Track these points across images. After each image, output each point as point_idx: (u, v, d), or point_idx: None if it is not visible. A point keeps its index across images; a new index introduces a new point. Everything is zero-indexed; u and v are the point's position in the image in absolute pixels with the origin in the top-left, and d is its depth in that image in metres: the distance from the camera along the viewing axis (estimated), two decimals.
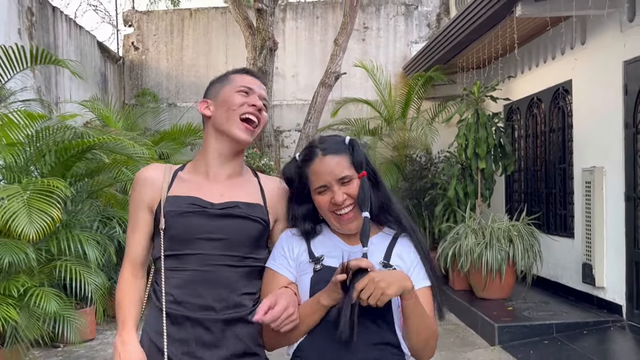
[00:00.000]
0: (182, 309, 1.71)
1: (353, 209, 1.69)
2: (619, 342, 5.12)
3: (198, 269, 1.72)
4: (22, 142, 4.07)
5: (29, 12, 6.62)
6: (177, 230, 1.73)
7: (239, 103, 1.80)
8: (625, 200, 5.44)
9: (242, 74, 1.88)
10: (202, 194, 1.77)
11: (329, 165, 1.69)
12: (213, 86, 1.88)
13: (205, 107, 1.86)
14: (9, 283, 3.84)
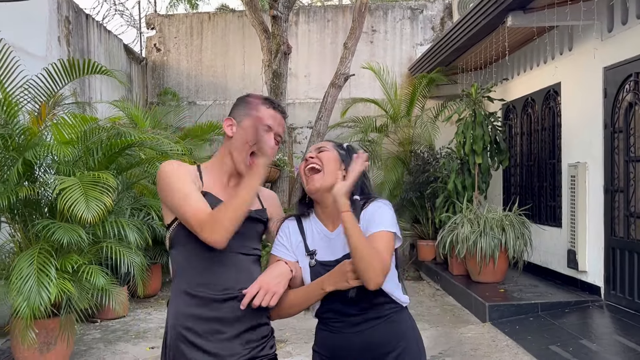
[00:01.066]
0: (206, 291, 1.95)
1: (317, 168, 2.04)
2: (595, 319, 5.74)
3: (219, 255, 1.95)
4: (74, 141, 4.74)
5: (66, 20, 7.30)
6: None
7: (263, 135, 1.94)
8: (604, 193, 6.04)
9: (267, 107, 2.04)
10: (225, 197, 2.00)
11: (315, 146, 2.14)
12: (240, 107, 2.06)
13: (229, 126, 2.05)
14: (64, 260, 4.51)
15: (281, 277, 1.97)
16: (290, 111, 9.85)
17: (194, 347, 1.93)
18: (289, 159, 8.90)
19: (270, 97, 2.26)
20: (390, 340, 1.98)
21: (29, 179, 4.73)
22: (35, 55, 6.32)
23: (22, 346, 4.55)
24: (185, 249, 1.98)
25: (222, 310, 1.94)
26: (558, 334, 5.27)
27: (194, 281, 1.96)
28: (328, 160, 2.05)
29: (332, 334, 2.04)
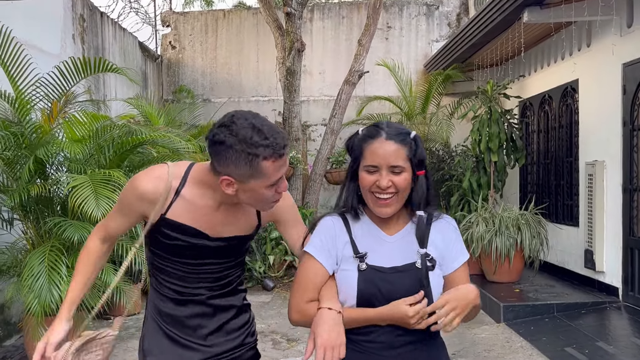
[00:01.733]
0: (186, 295, 1.94)
1: (392, 197, 1.73)
2: (612, 320, 5.63)
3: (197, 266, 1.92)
4: (85, 139, 4.75)
5: (81, 18, 7.32)
6: (176, 250, 1.88)
7: (269, 197, 1.78)
8: (622, 192, 5.92)
9: (273, 159, 1.69)
10: (202, 224, 1.84)
11: (387, 149, 1.71)
12: (238, 163, 1.67)
13: (229, 186, 1.74)
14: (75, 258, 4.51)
15: (337, 325, 1.71)
16: (304, 108, 9.81)
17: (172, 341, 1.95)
18: (303, 157, 8.87)
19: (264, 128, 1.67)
20: None
21: (41, 177, 4.75)
22: (50, 53, 6.34)
23: (34, 343, 4.57)
24: (157, 257, 1.94)
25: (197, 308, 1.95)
26: (574, 335, 5.18)
27: (166, 285, 1.94)
28: (405, 188, 1.77)
29: (358, 355, 1.77)
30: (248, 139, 1.64)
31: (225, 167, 1.69)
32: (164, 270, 1.92)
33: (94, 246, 1.97)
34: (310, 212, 8.34)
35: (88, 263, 1.96)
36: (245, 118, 1.68)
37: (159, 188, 1.79)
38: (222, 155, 1.67)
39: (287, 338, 5.63)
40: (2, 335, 5.46)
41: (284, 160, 1.71)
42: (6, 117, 4.69)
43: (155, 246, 1.91)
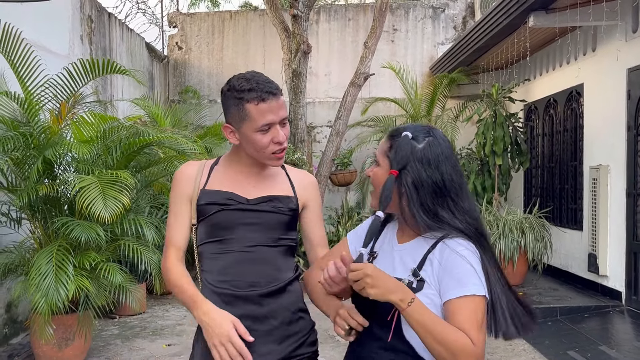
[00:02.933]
0: (232, 288, 1.87)
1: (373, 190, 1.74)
2: (615, 324, 5.65)
3: (242, 250, 1.89)
4: (93, 139, 4.80)
5: (89, 19, 7.38)
6: (219, 219, 1.90)
7: (265, 145, 1.86)
8: (626, 196, 5.94)
9: (256, 102, 1.81)
10: (237, 189, 1.93)
11: (380, 144, 1.74)
12: (232, 110, 1.85)
13: (231, 134, 1.91)
14: (82, 258, 4.56)
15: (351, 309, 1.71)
16: (309, 110, 9.84)
17: None
18: (308, 158, 8.90)
19: (253, 78, 1.83)
20: None
21: (49, 177, 4.79)
22: (58, 53, 6.40)
23: (40, 341, 4.63)
24: (206, 247, 1.95)
25: (248, 307, 1.86)
26: (577, 339, 5.20)
27: (216, 278, 1.90)
28: (375, 182, 1.72)
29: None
30: (237, 85, 1.83)
31: (226, 116, 1.91)
32: (212, 260, 1.92)
33: (177, 268, 1.93)
34: None
35: (188, 279, 1.92)
36: (245, 73, 1.90)
37: (195, 167, 2.00)
38: (223, 104, 1.91)
39: None
40: (8, 333, 5.51)
41: (268, 105, 1.81)
42: (15, 117, 4.75)
43: (201, 231, 1.96)
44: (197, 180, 1.95)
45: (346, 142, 9.47)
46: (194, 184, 1.94)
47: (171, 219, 1.97)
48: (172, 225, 1.96)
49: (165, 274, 1.93)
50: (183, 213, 1.95)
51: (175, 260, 1.92)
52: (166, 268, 1.93)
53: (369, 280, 1.47)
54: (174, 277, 1.89)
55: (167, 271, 1.92)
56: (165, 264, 1.93)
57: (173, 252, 1.93)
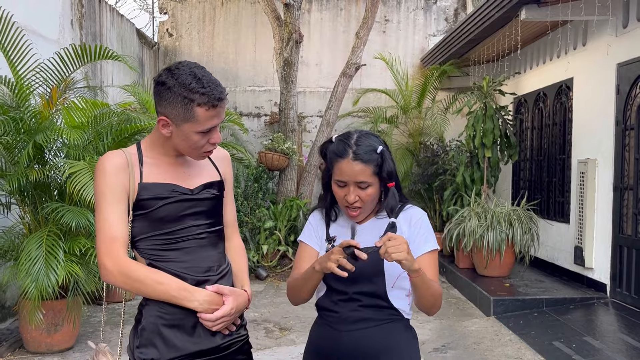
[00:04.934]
0: (193, 274, 1.89)
1: (359, 209, 1.92)
2: (600, 316, 5.73)
3: (193, 238, 1.92)
4: (84, 125, 4.77)
5: (79, 4, 7.31)
6: (165, 212, 1.87)
7: (201, 145, 1.88)
8: (613, 190, 6.01)
9: (207, 108, 1.81)
10: (177, 180, 1.92)
11: (353, 169, 1.86)
12: (174, 105, 1.80)
13: (165, 127, 1.86)
14: (72, 243, 4.56)
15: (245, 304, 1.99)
16: (300, 99, 9.84)
17: (175, 328, 1.87)
18: (298, 148, 8.91)
19: (204, 78, 1.81)
20: (380, 347, 1.89)
21: (39, 162, 4.77)
22: (48, 38, 6.34)
23: (29, 326, 4.62)
24: (149, 241, 1.90)
25: None
26: (562, 330, 5.28)
27: (178, 267, 1.89)
28: (372, 200, 1.94)
29: (323, 327, 1.99)
30: (187, 84, 1.78)
31: (163, 108, 1.82)
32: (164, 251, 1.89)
33: (138, 265, 1.84)
34: (304, 203, 8.40)
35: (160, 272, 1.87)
36: (189, 67, 1.83)
37: (123, 157, 1.88)
38: (163, 95, 1.82)
39: (280, 327, 5.70)
40: None
41: (217, 111, 1.82)
42: (4, 101, 4.71)
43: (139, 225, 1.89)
44: (130, 172, 1.86)
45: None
46: (128, 177, 1.85)
47: (108, 214, 1.82)
48: (111, 220, 1.82)
49: (128, 273, 1.79)
50: (121, 207, 1.84)
51: (126, 256, 1.83)
52: (126, 266, 1.79)
53: (406, 247, 1.73)
54: (147, 273, 1.82)
55: (131, 269, 1.80)
56: (122, 263, 1.79)
57: (122, 248, 1.82)
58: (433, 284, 1.86)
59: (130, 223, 1.88)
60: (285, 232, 8.26)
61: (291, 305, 6.76)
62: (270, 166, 8.48)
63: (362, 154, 1.86)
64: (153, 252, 1.89)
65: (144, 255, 1.90)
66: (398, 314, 1.93)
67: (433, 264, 1.93)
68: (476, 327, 5.67)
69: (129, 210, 1.87)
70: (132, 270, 1.80)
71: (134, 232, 1.89)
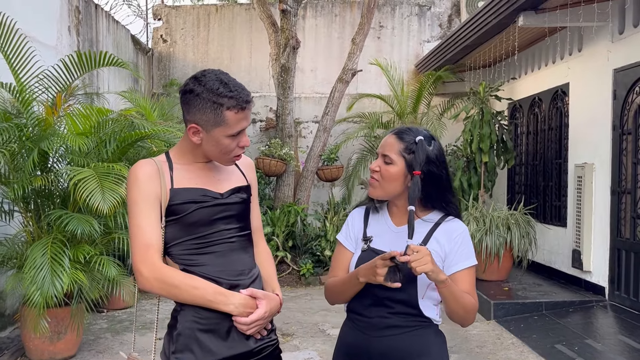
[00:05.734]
0: (225, 277, 1.91)
1: (377, 181, 1.96)
2: (599, 319, 5.79)
3: (224, 242, 1.94)
4: (88, 132, 4.76)
5: (76, 10, 7.29)
6: (198, 217, 1.89)
7: (232, 149, 1.91)
8: (611, 194, 6.08)
9: (236, 111, 1.85)
10: (207, 185, 1.95)
11: (386, 141, 1.97)
12: (204, 111, 1.84)
13: (195, 134, 1.89)
14: (76, 251, 4.53)
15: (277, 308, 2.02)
16: (296, 105, 9.85)
17: (210, 333, 1.88)
18: (295, 153, 8.92)
19: (230, 83, 1.86)
20: (411, 352, 1.91)
21: (43, 169, 4.75)
22: (46, 44, 6.32)
23: (33, 335, 4.59)
24: (182, 245, 1.92)
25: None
26: (563, 333, 5.32)
27: (212, 270, 1.91)
28: (388, 178, 1.96)
29: (353, 331, 2.01)
30: (215, 89, 1.82)
31: (193, 115, 1.86)
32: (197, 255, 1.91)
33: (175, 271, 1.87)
34: (301, 209, 8.41)
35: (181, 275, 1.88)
36: (214, 73, 1.87)
37: (153, 165, 1.91)
38: (191, 103, 1.85)
39: (282, 333, 5.70)
40: None
41: (245, 113, 1.87)
42: (5, 109, 4.69)
43: (173, 230, 1.90)
44: (162, 179, 1.89)
45: (332, 137, 9.50)
46: (160, 184, 1.88)
47: (142, 221, 1.84)
48: (145, 226, 1.84)
49: (164, 279, 1.82)
50: (154, 214, 1.87)
51: (163, 263, 1.86)
52: (162, 273, 1.82)
53: (430, 258, 1.76)
54: (182, 278, 1.84)
55: (167, 275, 1.83)
56: (158, 269, 1.82)
57: (157, 254, 1.84)
58: (464, 297, 1.88)
59: (163, 229, 1.89)
60: (283, 238, 8.26)
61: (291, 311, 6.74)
62: (267, 172, 8.49)
63: (401, 133, 1.97)
64: (186, 257, 1.91)
65: (177, 261, 1.91)
66: (428, 320, 1.95)
67: (470, 279, 1.94)
68: (477, 331, 5.70)
69: (162, 217, 1.89)
70: (168, 276, 1.83)
71: (166, 238, 1.91)
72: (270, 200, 8.90)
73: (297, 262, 8.18)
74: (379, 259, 1.80)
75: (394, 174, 1.93)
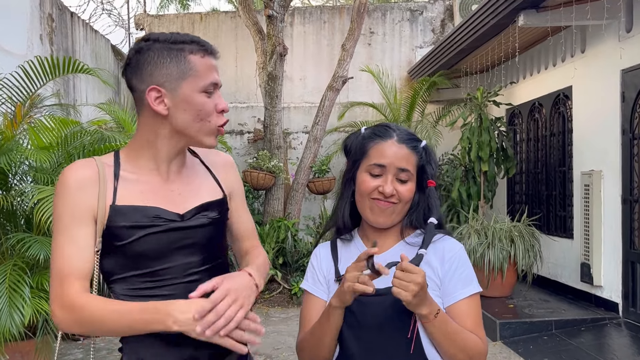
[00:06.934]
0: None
1: (391, 207, 1.56)
2: (614, 338, 5.37)
3: (180, 282, 1.48)
4: (53, 146, 4.33)
5: (49, 18, 6.87)
6: (146, 246, 1.44)
7: (210, 111, 1.48)
8: (622, 203, 5.68)
9: (202, 54, 1.47)
10: (162, 201, 1.49)
11: (398, 152, 1.55)
12: (166, 64, 1.44)
13: (159, 101, 1.45)
14: (40, 277, 4.09)
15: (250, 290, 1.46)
16: (285, 115, 9.44)
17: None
18: (284, 165, 8.50)
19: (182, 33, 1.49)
20: None
21: (3, 188, 4.31)
22: (14, 53, 5.89)
23: None
24: (127, 282, 1.46)
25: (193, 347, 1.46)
26: (576, 355, 4.90)
27: None
28: (409, 200, 1.59)
29: None
30: (168, 38, 1.45)
31: (148, 76, 1.44)
32: (141, 298, 1.44)
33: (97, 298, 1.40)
34: (292, 224, 7.97)
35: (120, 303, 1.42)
36: (161, 32, 1.51)
37: (92, 168, 1.46)
38: (141, 63, 1.45)
39: (271, 359, 5.25)
40: None
41: (213, 62, 1.49)
42: None
43: (115, 261, 1.45)
44: (100, 189, 1.43)
45: (323, 148, 9.09)
46: (97, 195, 1.42)
47: (63, 244, 1.40)
48: (65, 250, 1.40)
49: (77, 311, 1.35)
50: (82, 234, 1.41)
51: (86, 291, 1.40)
52: (74, 302, 1.36)
53: (416, 288, 1.36)
54: (101, 305, 1.36)
55: (81, 305, 1.35)
56: (73, 299, 1.36)
57: (75, 284, 1.38)
58: (466, 337, 1.47)
59: (98, 256, 1.44)
60: (273, 255, 7.82)
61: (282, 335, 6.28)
62: (255, 185, 8.06)
63: (407, 140, 1.58)
64: (132, 298, 1.44)
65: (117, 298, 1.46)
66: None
67: (474, 312, 1.53)
68: None
69: (96, 239, 1.44)
70: (82, 304, 1.36)
71: (105, 270, 1.46)
72: (260, 215, 8.45)
73: (288, 281, 7.73)
74: (354, 262, 1.44)
75: (413, 192, 1.58)
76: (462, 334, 1.46)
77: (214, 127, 1.49)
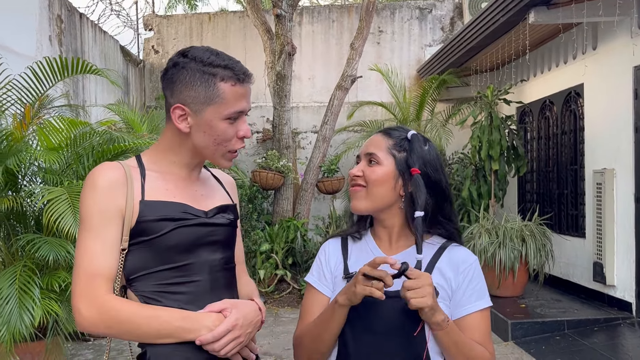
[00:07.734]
0: None
1: (361, 190, 1.58)
2: (628, 338, 5.30)
3: (205, 278, 1.52)
4: (62, 147, 4.32)
5: (58, 19, 6.88)
6: (176, 239, 1.47)
7: (229, 138, 1.51)
8: (635, 201, 5.62)
9: (233, 82, 1.47)
10: (188, 199, 1.54)
11: (372, 140, 1.62)
12: (193, 86, 1.46)
13: (182, 119, 1.49)
14: (50, 278, 4.08)
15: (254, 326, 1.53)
16: (294, 115, 9.43)
17: None
18: (293, 165, 8.48)
19: (224, 54, 1.50)
20: None
21: (12, 189, 4.31)
22: (24, 55, 5.90)
23: None
24: (152, 278, 1.47)
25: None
26: (590, 356, 4.84)
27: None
28: (376, 182, 1.56)
29: None
30: (205, 59, 1.46)
31: (178, 94, 1.47)
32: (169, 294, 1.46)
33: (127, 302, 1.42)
34: (301, 223, 7.95)
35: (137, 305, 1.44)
36: (204, 47, 1.52)
37: (120, 169, 1.49)
38: (175, 78, 1.47)
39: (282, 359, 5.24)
40: None
41: (245, 89, 1.50)
42: None
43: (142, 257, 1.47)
44: (128, 188, 1.46)
45: (332, 148, 9.06)
46: (125, 196, 1.45)
47: (91, 242, 1.41)
48: (94, 250, 1.40)
49: (109, 312, 1.36)
50: (111, 234, 1.43)
51: (112, 293, 1.42)
52: (106, 305, 1.37)
53: (430, 290, 1.37)
54: (136, 309, 1.39)
55: (116, 307, 1.37)
56: (101, 302, 1.37)
57: (105, 285, 1.40)
58: (474, 348, 1.47)
59: (123, 255, 1.45)
60: (283, 255, 7.80)
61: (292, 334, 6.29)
62: (264, 185, 8.04)
63: (389, 129, 1.64)
64: (153, 295, 1.45)
65: (140, 299, 1.46)
66: None
67: (484, 325, 1.53)
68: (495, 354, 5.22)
69: (122, 238, 1.45)
70: (116, 308, 1.37)
71: (128, 268, 1.46)
72: (269, 215, 8.44)
73: (297, 281, 7.71)
74: (366, 265, 1.41)
75: (382, 175, 1.55)
76: (470, 344, 1.48)
77: (228, 153, 1.54)
